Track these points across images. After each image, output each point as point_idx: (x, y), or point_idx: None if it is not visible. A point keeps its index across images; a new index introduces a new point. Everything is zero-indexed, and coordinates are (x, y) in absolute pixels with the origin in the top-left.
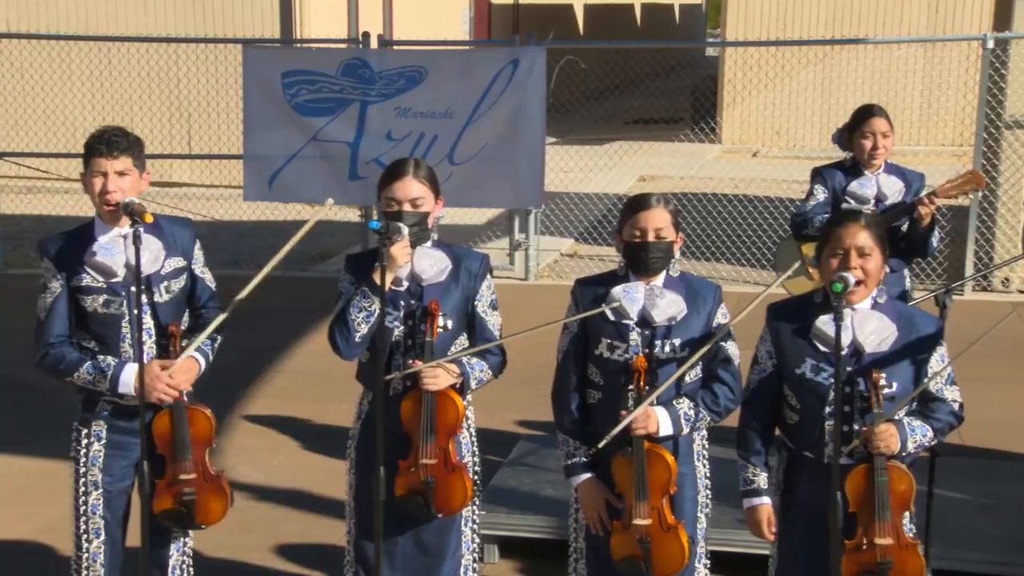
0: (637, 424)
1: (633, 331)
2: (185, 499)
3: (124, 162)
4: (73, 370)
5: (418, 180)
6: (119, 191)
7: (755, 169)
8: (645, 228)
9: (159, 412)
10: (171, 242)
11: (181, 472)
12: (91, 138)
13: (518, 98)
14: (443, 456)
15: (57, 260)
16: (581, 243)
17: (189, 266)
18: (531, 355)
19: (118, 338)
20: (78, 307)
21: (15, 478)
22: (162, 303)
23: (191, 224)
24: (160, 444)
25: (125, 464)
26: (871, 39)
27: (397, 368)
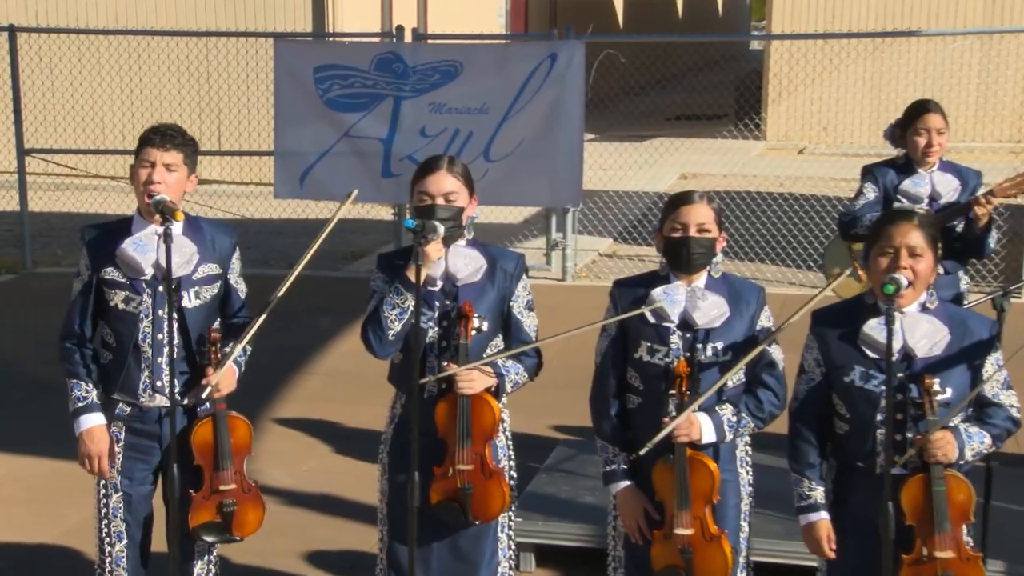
0: (680, 432)
1: (674, 334)
2: (225, 510)
3: (174, 156)
4: (67, 376)
5: (452, 175)
6: (164, 184)
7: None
8: (687, 223)
9: (200, 421)
10: (209, 247)
11: (221, 483)
12: (148, 129)
13: (556, 93)
14: (480, 461)
15: (90, 248)
16: (620, 243)
17: (225, 275)
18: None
19: (132, 338)
20: (102, 299)
21: (46, 479)
22: (190, 308)
23: (235, 232)
24: (200, 454)
25: (145, 468)
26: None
27: (431, 370)
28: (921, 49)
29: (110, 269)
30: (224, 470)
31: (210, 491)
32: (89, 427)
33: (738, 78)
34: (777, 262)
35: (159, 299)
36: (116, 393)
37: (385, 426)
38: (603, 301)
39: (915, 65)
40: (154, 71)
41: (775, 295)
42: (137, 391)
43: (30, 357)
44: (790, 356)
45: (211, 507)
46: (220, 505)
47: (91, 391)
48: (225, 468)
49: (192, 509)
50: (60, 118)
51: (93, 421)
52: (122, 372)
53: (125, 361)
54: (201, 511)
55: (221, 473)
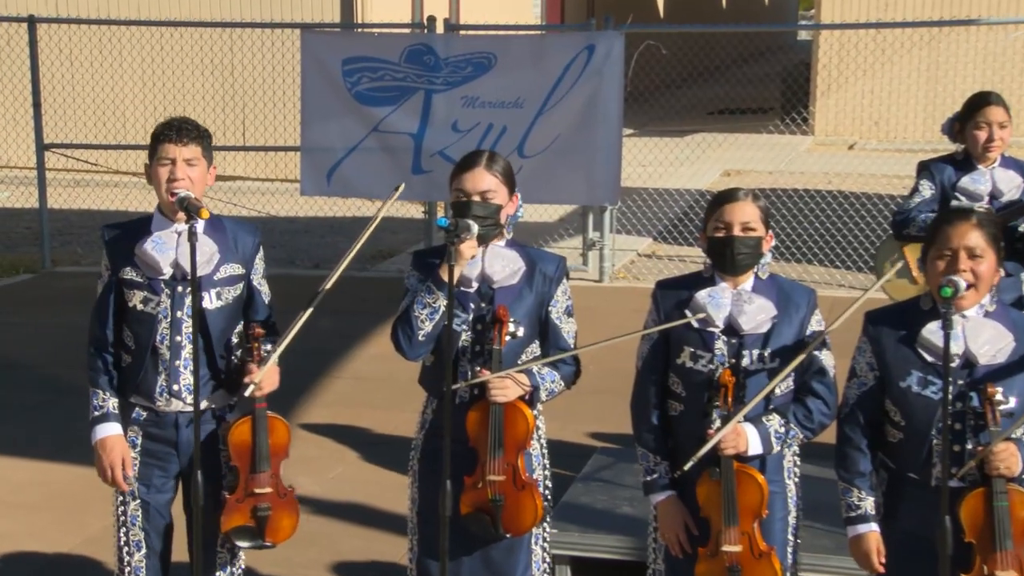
0: (726, 444)
1: (718, 340)
2: (259, 515)
3: (193, 150)
4: (89, 383)
5: (490, 172)
6: (187, 179)
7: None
8: (731, 222)
9: (238, 420)
10: (231, 247)
11: (257, 486)
12: (159, 126)
13: (593, 86)
14: (512, 472)
15: (109, 248)
16: (660, 242)
17: (247, 276)
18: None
19: (151, 339)
20: (121, 300)
21: (67, 485)
22: (211, 310)
23: (258, 231)
24: (237, 455)
25: (163, 476)
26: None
27: (463, 375)
28: (980, 38)
29: (129, 269)
30: (261, 472)
31: (245, 494)
32: (103, 437)
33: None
34: (826, 263)
35: (178, 300)
36: (132, 396)
37: (415, 432)
38: (641, 303)
39: (974, 55)
40: (177, 63)
41: (823, 298)
42: (153, 394)
43: (50, 360)
44: (840, 362)
45: (245, 511)
46: (254, 509)
47: (108, 400)
48: (262, 471)
49: (225, 512)
50: (80, 112)
51: (107, 431)
52: (139, 374)
53: (143, 363)
54: (235, 514)
55: (257, 476)
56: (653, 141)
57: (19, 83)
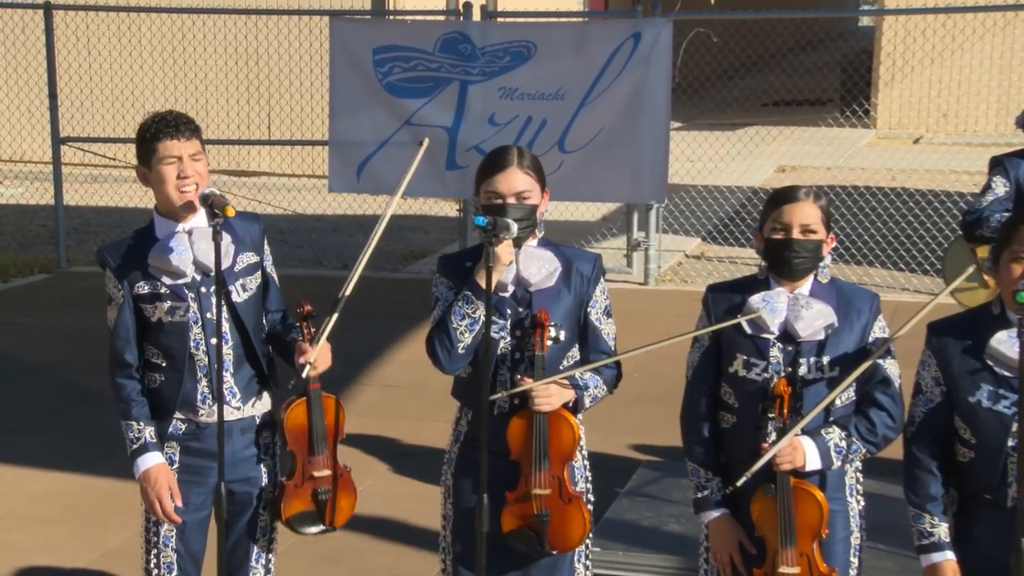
0: (782, 458)
1: (774, 347)
2: (320, 498)
3: (195, 145)
4: (120, 417)
5: (523, 171)
6: (196, 175)
7: (917, 158)
8: (790, 223)
9: (292, 402)
10: (241, 237)
11: (315, 468)
12: (150, 124)
13: (639, 77)
14: (558, 485)
15: (117, 269)
16: (709, 243)
17: (262, 263)
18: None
19: (185, 349)
20: (141, 318)
21: (83, 498)
22: (241, 303)
23: (260, 218)
24: (293, 438)
25: (202, 492)
26: None
27: (502, 385)
28: None
29: (143, 283)
30: (318, 454)
31: (303, 478)
32: (145, 469)
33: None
34: (888, 266)
35: (205, 301)
36: (174, 413)
37: (448, 444)
38: (689, 307)
39: None
40: (200, 53)
41: (886, 302)
42: (195, 403)
43: (66, 363)
44: (905, 371)
45: (305, 496)
46: (315, 493)
47: (144, 429)
48: (320, 452)
49: (285, 499)
50: (98, 104)
51: (149, 462)
52: (179, 389)
53: (180, 376)
54: (295, 500)
55: (315, 458)
56: (703, 135)
57: (34, 73)
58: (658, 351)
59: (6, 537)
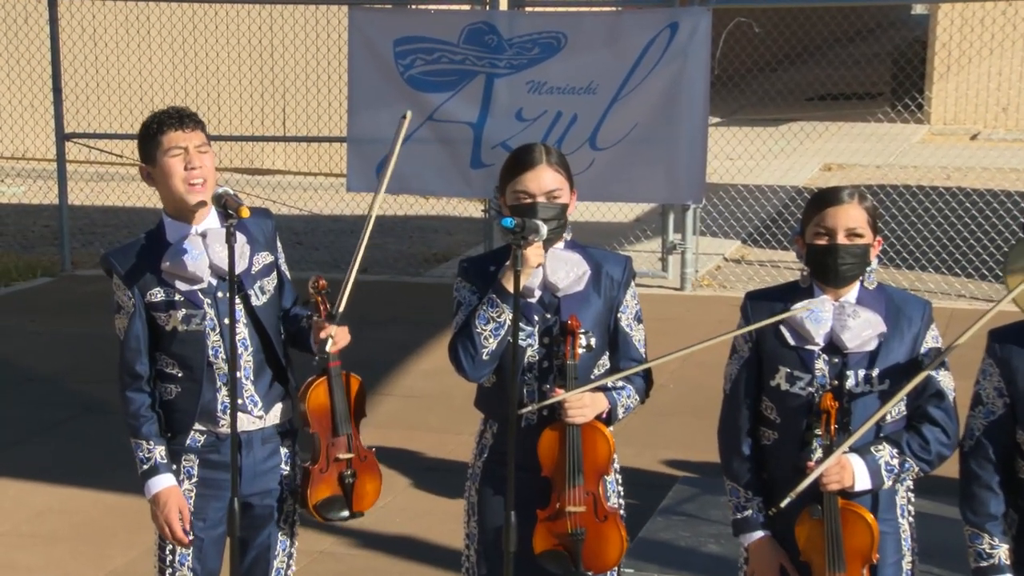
0: (829, 478)
1: (819, 359)
2: (347, 482)
3: (200, 136)
4: (129, 434)
5: (553, 168)
6: (203, 167)
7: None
8: (835, 227)
9: (313, 382)
10: (255, 236)
11: (339, 451)
12: (153, 120)
13: (676, 69)
14: (593, 502)
15: (127, 275)
16: (750, 246)
17: (276, 261)
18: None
19: (202, 358)
20: (154, 327)
21: (89, 514)
22: (260, 306)
23: (272, 215)
24: (315, 420)
25: (221, 507)
26: None
27: (531, 395)
28: None
29: (155, 290)
30: (341, 435)
31: (328, 461)
32: (156, 492)
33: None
34: (943, 271)
35: (222, 306)
36: (193, 424)
37: (472, 459)
38: (727, 313)
39: None
40: (211, 45)
41: (940, 310)
42: (216, 414)
43: (71, 372)
44: (961, 384)
45: (331, 480)
46: (340, 476)
47: (155, 449)
48: (343, 433)
49: (311, 484)
50: (105, 98)
51: (159, 484)
52: (198, 400)
53: (198, 386)
54: (320, 486)
55: (339, 439)
56: (743, 131)
57: (38, 66)
58: (695, 359)
59: (8, 555)
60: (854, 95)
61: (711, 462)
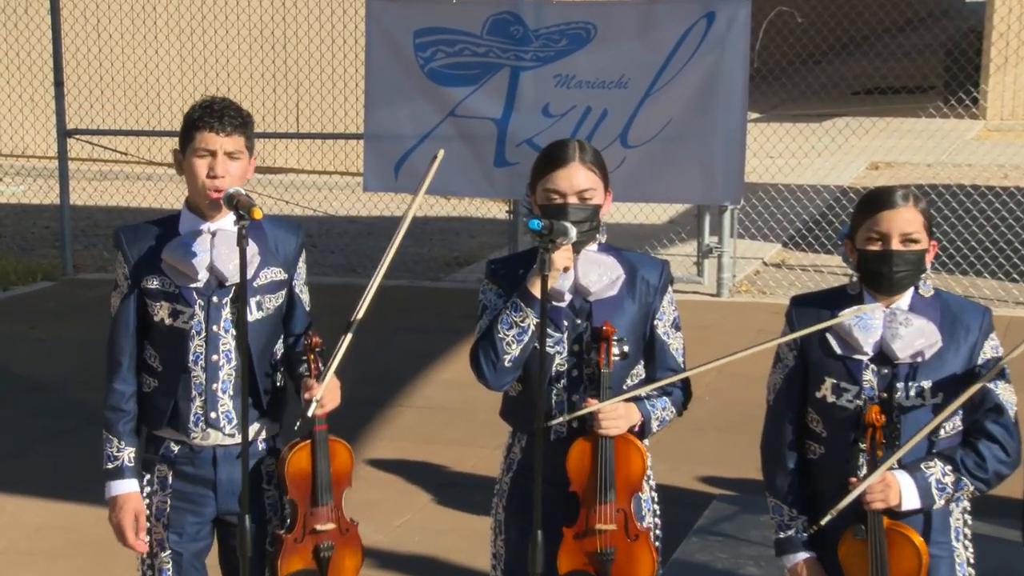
0: (873, 495)
1: (867, 369)
2: (322, 555)
3: (236, 141)
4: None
5: (586, 167)
6: (228, 176)
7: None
8: (888, 232)
9: (295, 446)
10: (271, 248)
11: (318, 521)
12: (196, 109)
13: (713, 62)
14: (624, 520)
15: (128, 254)
16: (791, 249)
17: (290, 282)
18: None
19: (182, 360)
20: (145, 313)
21: (90, 531)
22: (252, 322)
23: (300, 230)
24: (295, 486)
25: (197, 521)
26: None
27: (560, 406)
28: None
29: (153, 277)
30: (322, 505)
31: (304, 532)
32: (115, 494)
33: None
34: (999, 275)
35: (213, 311)
36: (163, 429)
37: (500, 473)
38: (768, 321)
39: None
40: (220, 36)
41: (997, 318)
42: (187, 425)
43: (73, 380)
44: (1022, 397)
45: (306, 552)
46: (316, 549)
47: (123, 450)
48: (324, 503)
49: (283, 554)
50: (108, 93)
51: (120, 488)
52: (170, 403)
53: (173, 389)
54: (293, 557)
55: (318, 509)
56: (784, 127)
57: (38, 58)
58: (732, 370)
59: (5, 574)
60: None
61: (750, 479)
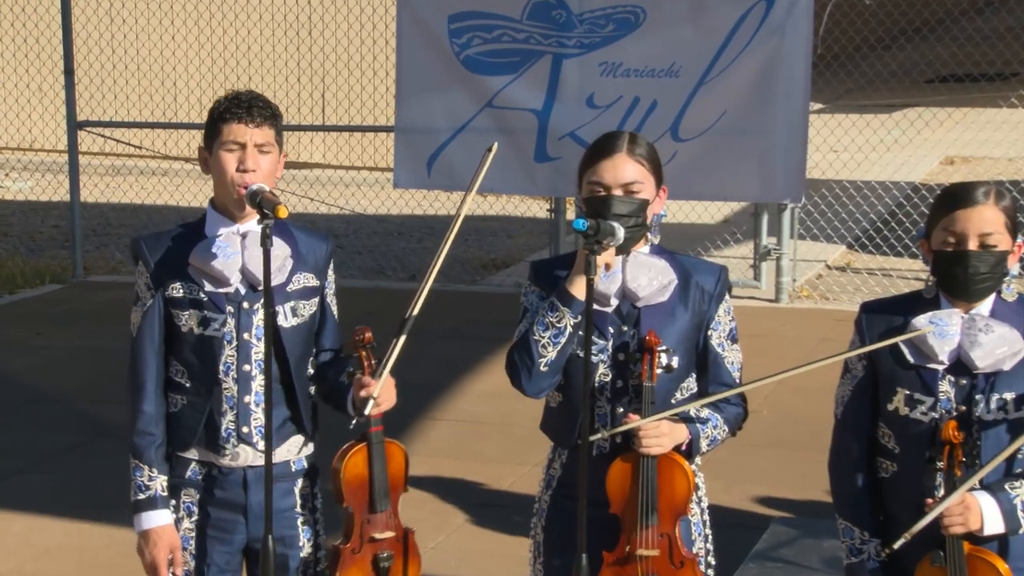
0: (951, 519)
1: (944, 380)
2: (382, 565)
3: (266, 134)
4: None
5: (635, 159)
6: (259, 170)
7: None
8: (965, 232)
9: (348, 451)
10: (302, 254)
11: (376, 529)
12: (223, 101)
13: (772, 49)
14: (668, 545)
15: (152, 264)
16: (856, 251)
17: (322, 289)
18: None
19: (214, 371)
20: (171, 325)
21: (103, 552)
22: (287, 328)
23: (330, 240)
24: (351, 493)
25: (227, 551)
26: None
27: (602, 419)
28: None
29: (178, 285)
30: (380, 512)
31: (362, 541)
32: (150, 528)
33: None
34: None
35: (245, 318)
36: (192, 449)
37: (539, 492)
38: (832, 329)
39: None
40: (241, 23)
41: None
42: (217, 442)
43: (84, 392)
44: None
45: (364, 563)
46: (375, 559)
47: (155, 478)
48: (382, 509)
49: (341, 567)
50: (122, 83)
51: (154, 520)
52: (201, 419)
53: (204, 403)
54: (352, 569)
55: (376, 516)
56: (850, 119)
57: (47, 45)
58: (794, 382)
59: None
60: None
61: (811, 500)
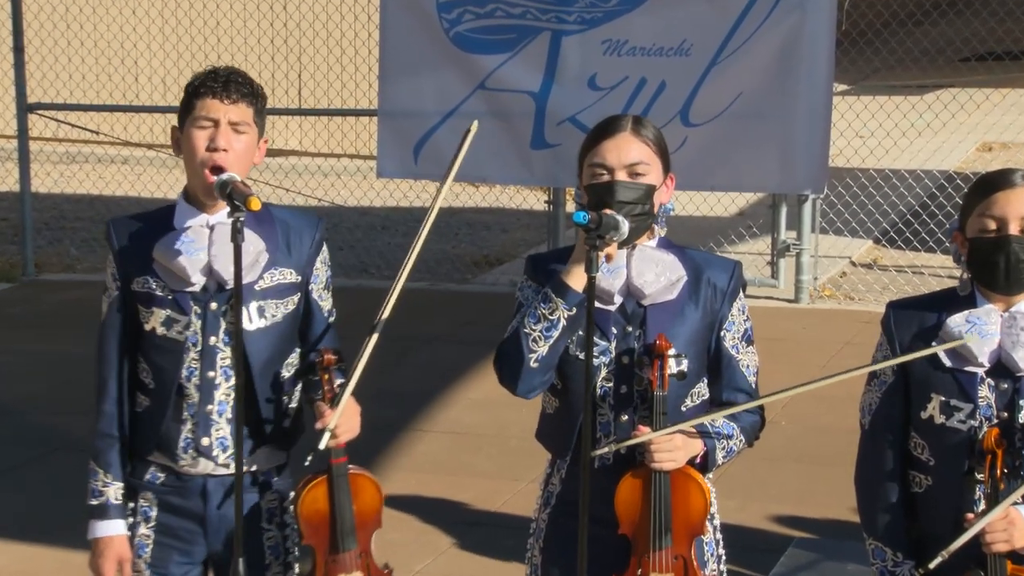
0: (994, 535)
1: (983, 384)
2: None
3: (243, 112)
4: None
5: (640, 139)
6: (231, 151)
7: None
8: (1004, 217)
9: (310, 482)
10: (282, 245)
11: (341, 570)
12: (198, 76)
13: (792, 26)
14: (683, 568)
15: (120, 252)
16: (884, 247)
17: (305, 286)
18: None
19: (173, 377)
20: (136, 321)
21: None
22: (252, 332)
23: (321, 224)
24: (311, 530)
25: (185, 561)
26: None
27: (604, 428)
28: None
29: (144, 279)
30: (345, 551)
31: None
32: (99, 537)
33: None
34: None
35: (211, 320)
36: (151, 454)
37: (536, 510)
38: (857, 332)
39: None
40: None
41: None
42: (175, 450)
43: (38, 401)
44: None
45: None
46: None
47: (110, 485)
48: (347, 549)
49: None
50: (77, 63)
51: (106, 529)
52: (161, 424)
53: (164, 409)
54: None
55: (341, 556)
56: (877, 102)
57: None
58: (814, 391)
59: None
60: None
61: (834, 519)
